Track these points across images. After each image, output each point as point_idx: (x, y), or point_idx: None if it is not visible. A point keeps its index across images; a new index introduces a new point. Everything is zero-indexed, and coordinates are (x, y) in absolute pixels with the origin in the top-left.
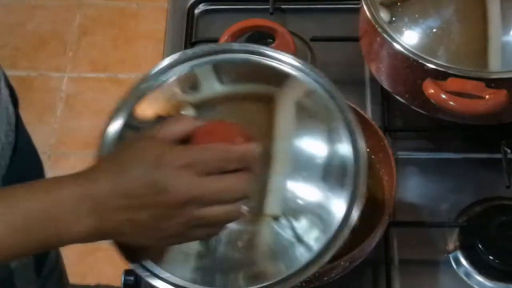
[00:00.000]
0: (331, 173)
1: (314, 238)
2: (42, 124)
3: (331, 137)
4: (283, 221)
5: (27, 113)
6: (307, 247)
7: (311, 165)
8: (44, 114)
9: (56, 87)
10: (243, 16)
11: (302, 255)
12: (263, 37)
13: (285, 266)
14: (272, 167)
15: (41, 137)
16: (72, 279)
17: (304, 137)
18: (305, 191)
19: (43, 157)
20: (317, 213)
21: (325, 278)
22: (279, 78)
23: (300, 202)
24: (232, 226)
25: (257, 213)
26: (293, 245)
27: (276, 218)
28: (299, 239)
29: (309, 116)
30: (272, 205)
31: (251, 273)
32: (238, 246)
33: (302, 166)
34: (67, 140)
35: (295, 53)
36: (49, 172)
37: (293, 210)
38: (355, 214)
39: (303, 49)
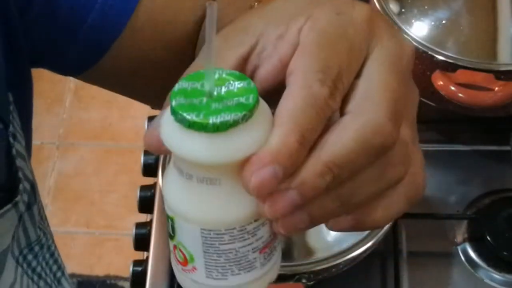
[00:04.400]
0: None
1: None
2: (51, 114)
3: None
4: None
5: (36, 104)
6: None
7: None
8: (53, 104)
9: (65, 78)
10: None
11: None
12: None
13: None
14: None
15: (49, 128)
16: (80, 270)
17: None
18: None
19: (52, 148)
20: None
21: (333, 270)
22: None
23: None
24: None
25: None
26: None
27: None
28: None
29: None
30: None
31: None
32: None
33: None
34: (75, 131)
35: None
36: (58, 163)
37: None
38: None
39: None
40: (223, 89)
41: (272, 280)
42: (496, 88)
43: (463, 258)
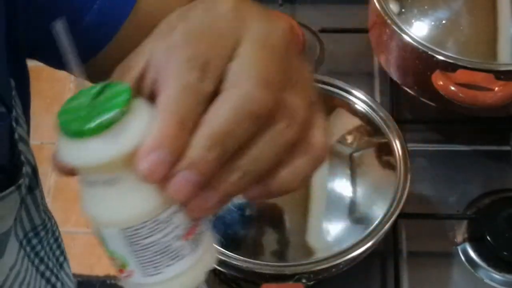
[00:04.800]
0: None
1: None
2: (50, 114)
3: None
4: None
5: (36, 103)
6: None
7: None
8: (52, 104)
9: (65, 77)
10: None
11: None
12: None
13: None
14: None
15: (49, 128)
16: (80, 270)
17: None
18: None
19: (52, 148)
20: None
21: (333, 270)
22: None
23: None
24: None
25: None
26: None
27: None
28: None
29: None
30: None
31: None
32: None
33: None
34: None
35: (304, 45)
36: None
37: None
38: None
39: (312, 40)
40: (101, 97)
41: (210, 266)
42: (496, 88)
43: (463, 258)
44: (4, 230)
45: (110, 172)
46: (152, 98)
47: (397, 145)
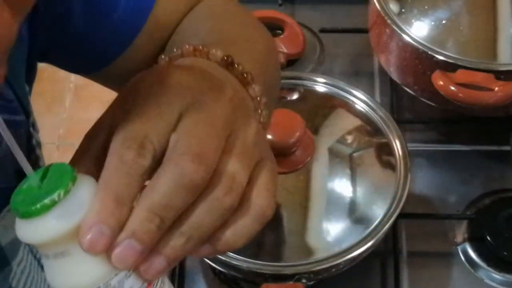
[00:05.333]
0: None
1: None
2: (50, 114)
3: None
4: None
5: (36, 104)
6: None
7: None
8: (52, 104)
9: (65, 78)
10: (251, 8)
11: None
12: (272, 28)
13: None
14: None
15: (49, 128)
16: None
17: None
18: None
19: (52, 148)
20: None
21: (333, 270)
22: None
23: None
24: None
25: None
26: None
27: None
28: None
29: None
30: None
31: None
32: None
33: None
34: (75, 131)
35: (304, 45)
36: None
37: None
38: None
39: (312, 40)
40: (46, 179)
41: None
42: (496, 88)
43: (463, 258)
44: None
45: (60, 246)
46: None
47: (397, 145)
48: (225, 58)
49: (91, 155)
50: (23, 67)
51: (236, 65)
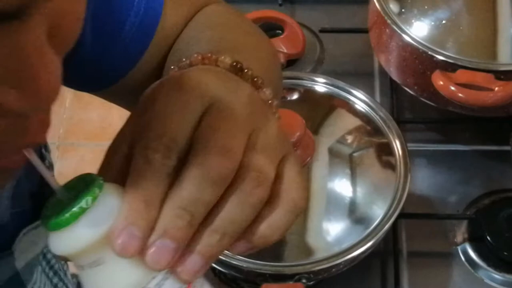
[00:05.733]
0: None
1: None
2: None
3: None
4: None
5: None
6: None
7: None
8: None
9: None
10: (252, 8)
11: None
12: (272, 28)
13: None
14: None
15: (50, 128)
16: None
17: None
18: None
19: (52, 148)
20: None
21: (333, 270)
22: None
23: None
24: None
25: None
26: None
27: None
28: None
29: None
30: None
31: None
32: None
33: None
34: (75, 131)
35: (304, 45)
36: (58, 163)
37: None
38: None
39: (312, 40)
40: (75, 191)
41: None
42: (496, 88)
43: (463, 258)
44: (35, 255)
45: (93, 255)
46: None
47: (397, 145)
48: (234, 64)
49: (115, 168)
50: None
51: (246, 70)
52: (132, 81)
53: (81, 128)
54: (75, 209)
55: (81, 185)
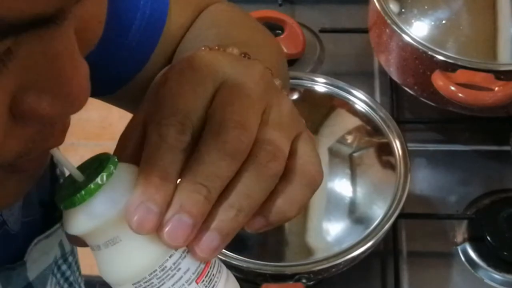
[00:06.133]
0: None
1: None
2: None
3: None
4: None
5: None
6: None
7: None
8: None
9: None
10: (252, 8)
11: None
12: (272, 28)
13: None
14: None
15: None
16: (81, 270)
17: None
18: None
19: None
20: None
21: (333, 270)
22: None
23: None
24: None
25: None
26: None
27: None
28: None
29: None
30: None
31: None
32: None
33: None
34: (75, 131)
35: (304, 45)
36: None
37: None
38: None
39: (312, 40)
40: (88, 171)
41: None
42: (496, 88)
43: (463, 258)
44: (47, 265)
45: (109, 233)
46: None
47: (397, 145)
48: (243, 55)
49: (128, 153)
50: None
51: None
52: (138, 84)
53: (81, 128)
54: (90, 185)
55: (95, 165)
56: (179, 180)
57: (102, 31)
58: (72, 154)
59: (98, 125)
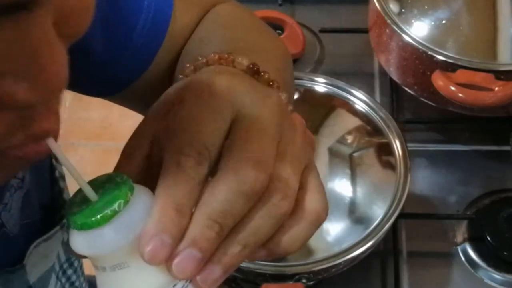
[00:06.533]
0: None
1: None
2: None
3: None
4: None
5: None
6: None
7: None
8: None
9: None
10: (252, 8)
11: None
12: (272, 28)
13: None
14: None
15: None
16: (84, 270)
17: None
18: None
19: None
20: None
21: (333, 270)
22: None
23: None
24: None
25: None
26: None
27: None
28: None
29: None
30: None
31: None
32: None
33: None
34: (76, 131)
35: (304, 45)
36: None
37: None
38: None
39: (312, 40)
40: (103, 190)
41: None
42: (496, 88)
43: (463, 258)
44: (47, 268)
45: (118, 258)
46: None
47: (397, 145)
48: (251, 66)
49: (136, 165)
50: None
51: (262, 73)
52: (143, 84)
53: (81, 128)
54: (107, 211)
55: (109, 185)
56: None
57: (97, 26)
58: (72, 154)
59: (98, 125)
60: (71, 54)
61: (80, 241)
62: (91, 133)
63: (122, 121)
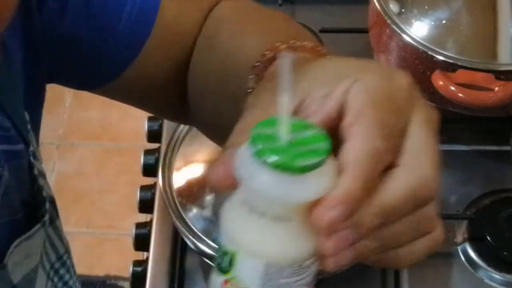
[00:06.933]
0: None
1: None
2: (51, 114)
3: None
4: None
5: None
6: None
7: None
8: (53, 105)
9: None
10: None
11: None
12: None
13: None
14: None
15: (50, 128)
16: (80, 270)
17: None
18: None
19: (52, 148)
20: None
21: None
22: None
23: None
24: None
25: None
26: None
27: None
28: None
29: None
30: None
31: None
32: None
33: None
34: (75, 131)
35: None
36: (58, 163)
37: None
38: None
39: None
40: (297, 135)
41: None
42: (496, 88)
43: (463, 258)
44: (32, 267)
45: (287, 211)
46: (334, 136)
47: None
48: (318, 49)
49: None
50: (19, 96)
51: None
52: (135, 75)
53: (81, 128)
54: (307, 163)
55: (308, 134)
56: None
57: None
58: (72, 154)
59: (98, 125)
60: (59, 47)
61: (264, 178)
62: (91, 133)
63: (122, 121)
